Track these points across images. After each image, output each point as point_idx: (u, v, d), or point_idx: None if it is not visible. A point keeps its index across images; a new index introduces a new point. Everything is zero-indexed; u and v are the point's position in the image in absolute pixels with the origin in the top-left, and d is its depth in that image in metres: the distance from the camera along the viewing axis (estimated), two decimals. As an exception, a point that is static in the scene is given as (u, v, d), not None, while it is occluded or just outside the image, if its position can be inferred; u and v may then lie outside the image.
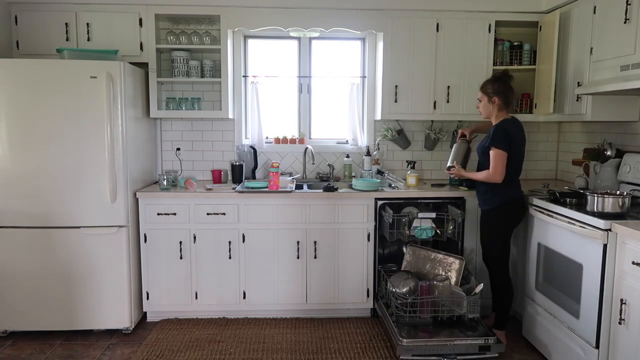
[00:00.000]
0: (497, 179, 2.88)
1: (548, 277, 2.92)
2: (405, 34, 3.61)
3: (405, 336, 2.87)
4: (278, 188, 3.39)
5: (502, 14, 3.63)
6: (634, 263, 2.23)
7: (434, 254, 3.26)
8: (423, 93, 3.67)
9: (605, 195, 2.55)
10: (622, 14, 2.76)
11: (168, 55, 3.75)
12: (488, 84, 3.02)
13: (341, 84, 4.08)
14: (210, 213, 3.36)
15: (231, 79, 3.74)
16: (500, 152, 2.85)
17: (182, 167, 3.98)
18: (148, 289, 3.42)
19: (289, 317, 3.53)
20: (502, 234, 3.04)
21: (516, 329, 3.32)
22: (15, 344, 3.15)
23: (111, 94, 3.07)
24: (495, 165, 2.86)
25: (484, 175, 2.95)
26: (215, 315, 3.52)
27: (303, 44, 4.00)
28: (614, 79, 2.78)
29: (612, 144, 3.18)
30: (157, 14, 3.51)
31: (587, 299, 2.52)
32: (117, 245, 3.19)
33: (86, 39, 3.48)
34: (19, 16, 3.47)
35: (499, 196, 2.98)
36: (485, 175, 2.94)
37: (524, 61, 3.76)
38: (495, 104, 2.97)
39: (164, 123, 3.95)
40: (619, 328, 2.34)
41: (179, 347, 3.09)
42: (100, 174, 3.12)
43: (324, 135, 4.14)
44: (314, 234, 3.41)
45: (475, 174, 3.04)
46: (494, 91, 2.97)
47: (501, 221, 3.02)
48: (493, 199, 3.00)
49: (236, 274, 3.43)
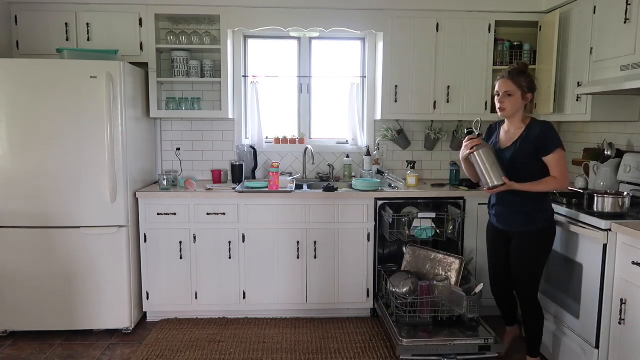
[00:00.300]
0: (566, 185, 2.48)
1: (548, 277, 2.92)
2: (405, 34, 3.61)
3: (405, 336, 2.87)
4: (278, 188, 3.39)
5: (502, 14, 3.63)
6: (634, 263, 2.23)
7: (434, 254, 3.26)
8: (423, 93, 3.67)
9: (605, 195, 2.55)
10: (622, 14, 2.76)
11: (168, 55, 3.75)
12: (521, 76, 2.52)
13: (341, 84, 4.08)
14: (210, 213, 3.36)
15: (231, 79, 3.74)
16: (564, 154, 2.46)
17: (182, 167, 3.98)
18: (148, 289, 3.42)
19: (289, 317, 3.52)
20: (546, 259, 2.63)
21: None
22: (15, 344, 3.14)
23: (111, 94, 3.07)
24: (563, 170, 2.43)
25: (552, 184, 2.45)
26: (215, 315, 3.52)
27: (303, 44, 4.00)
28: (614, 79, 2.78)
29: (612, 144, 3.18)
30: (157, 14, 3.51)
31: (587, 299, 2.52)
32: (117, 245, 3.19)
33: (86, 39, 3.48)
34: (19, 16, 3.47)
35: (548, 211, 2.57)
36: (554, 184, 2.45)
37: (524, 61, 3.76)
38: (528, 101, 2.55)
39: (164, 123, 3.95)
40: (619, 328, 2.34)
41: (179, 347, 3.09)
42: (100, 174, 3.12)
43: (324, 135, 4.14)
44: (314, 234, 3.41)
45: (537, 185, 2.47)
46: (529, 86, 2.53)
47: (550, 243, 2.60)
48: (543, 216, 2.55)
49: (236, 274, 3.43)
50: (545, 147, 2.45)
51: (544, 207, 2.55)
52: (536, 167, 2.49)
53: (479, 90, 3.68)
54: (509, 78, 2.52)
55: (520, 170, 2.50)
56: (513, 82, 2.51)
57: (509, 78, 2.52)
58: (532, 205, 2.53)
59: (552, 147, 2.44)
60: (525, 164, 2.49)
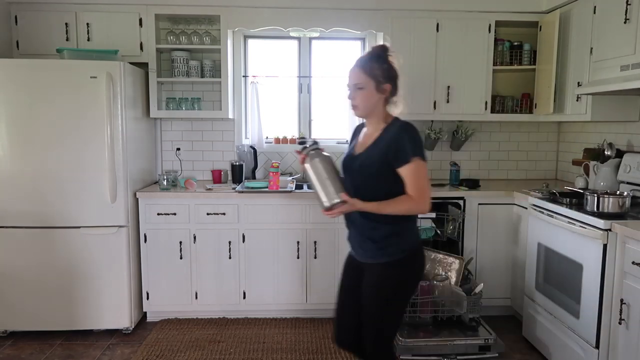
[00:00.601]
0: (426, 207, 1.86)
1: (548, 277, 2.92)
2: (405, 34, 3.61)
3: (406, 336, 2.87)
4: (278, 188, 3.39)
5: (502, 14, 3.63)
6: (634, 263, 2.23)
7: (434, 254, 3.26)
8: (423, 93, 3.67)
9: (605, 195, 2.55)
10: (622, 14, 2.76)
11: (168, 55, 3.75)
12: (374, 62, 1.92)
13: (341, 84, 4.08)
14: (210, 213, 3.36)
15: (231, 79, 3.74)
16: (424, 165, 1.86)
17: (182, 167, 3.98)
18: (148, 289, 3.42)
19: (289, 317, 3.52)
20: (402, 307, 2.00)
21: (516, 329, 3.32)
22: (15, 344, 3.14)
23: (111, 94, 3.07)
24: (421, 187, 1.83)
25: (405, 204, 1.85)
26: (215, 315, 3.52)
27: (303, 44, 4.00)
28: (614, 79, 2.78)
29: (612, 144, 3.18)
30: (157, 14, 3.51)
31: (587, 299, 2.52)
32: (117, 245, 3.19)
33: (86, 39, 3.47)
34: (19, 16, 3.47)
35: (409, 237, 1.95)
36: (408, 204, 1.84)
37: (524, 61, 3.76)
38: (386, 93, 1.95)
39: (164, 123, 3.95)
40: (619, 328, 2.34)
41: (179, 347, 3.09)
42: (100, 174, 3.12)
43: (324, 135, 4.14)
44: (314, 234, 3.41)
45: (386, 206, 1.86)
46: (386, 74, 1.93)
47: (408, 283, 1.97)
48: (399, 243, 1.91)
49: (236, 274, 3.43)
50: (396, 155, 1.85)
51: (402, 231, 1.92)
52: (391, 181, 1.88)
53: (479, 90, 3.68)
54: (358, 67, 1.94)
55: (368, 183, 1.91)
56: (363, 71, 1.92)
57: (358, 67, 1.94)
58: (386, 229, 1.90)
59: (405, 155, 1.83)
60: (373, 176, 1.89)
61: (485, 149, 4.11)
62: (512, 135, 4.11)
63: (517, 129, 4.10)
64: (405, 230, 1.93)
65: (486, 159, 4.12)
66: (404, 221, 1.92)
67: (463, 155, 4.08)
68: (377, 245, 1.92)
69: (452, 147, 4.06)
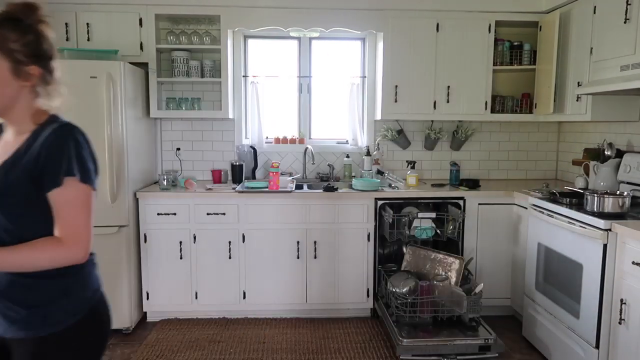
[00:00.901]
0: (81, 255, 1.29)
1: (548, 277, 2.92)
2: (405, 34, 3.61)
3: (405, 336, 2.87)
4: (278, 188, 3.39)
5: (502, 14, 3.63)
6: (634, 263, 2.23)
7: (434, 254, 3.26)
8: (423, 93, 3.67)
9: (605, 195, 2.55)
10: (622, 14, 2.76)
11: (168, 55, 3.75)
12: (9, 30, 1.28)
13: (341, 84, 4.08)
14: (210, 213, 3.36)
15: (231, 79, 3.73)
16: (86, 190, 1.32)
17: (182, 167, 3.98)
18: (148, 289, 3.41)
19: (289, 317, 3.52)
20: None
21: (516, 329, 3.32)
22: (15, 344, 3.14)
23: (111, 94, 3.07)
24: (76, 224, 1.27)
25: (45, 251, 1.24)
26: (215, 315, 3.52)
27: (303, 44, 4.00)
28: (614, 79, 2.78)
29: (612, 144, 3.18)
30: (157, 14, 3.51)
31: (587, 299, 2.52)
32: (117, 245, 3.19)
33: (86, 39, 3.47)
34: (19, 16, 3.46)
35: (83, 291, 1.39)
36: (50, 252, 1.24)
37: (524, 61, 3.76)
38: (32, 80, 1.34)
39: (164, 123, 3.95)
40: (619, 328, 2.34)
41: (179, 347, 3.09)
42: (101, 174, 3.09)
43: (324, 135, 4.14)
44: (314, 234, 3.41)
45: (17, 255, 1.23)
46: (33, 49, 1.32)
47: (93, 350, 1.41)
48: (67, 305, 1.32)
49: (236, 274, 3.43)
50: (41, 172, 1.25)
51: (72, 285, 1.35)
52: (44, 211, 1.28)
53: (479, 90, 3.68)
54: None
55: (13, 218, 1.27)
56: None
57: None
58: (49, 286, 1.31)
59: (55, 173, 1.25)
60: (18, 205, 1.26)
61: (485, 149, 4.11)
62: (512, 135, 4.11)
63: (517, 129, 4.10)
64: (77, 282, 1.35)
65: (486, 159, 4.12)
66: (75, 270, 1.33)
67: (463, 155, 4.08)
68: (33, 311, 1.28)
69: (452, 147, 4.06)
